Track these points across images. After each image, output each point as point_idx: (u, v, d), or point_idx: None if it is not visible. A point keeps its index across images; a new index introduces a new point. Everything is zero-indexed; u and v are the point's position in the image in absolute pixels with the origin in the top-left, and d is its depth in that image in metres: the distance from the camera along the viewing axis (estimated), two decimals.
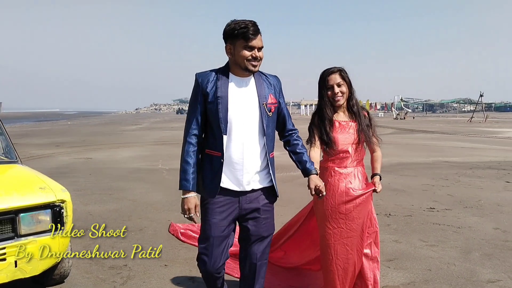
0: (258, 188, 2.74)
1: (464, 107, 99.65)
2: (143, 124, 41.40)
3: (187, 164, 2.65)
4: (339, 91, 3.15)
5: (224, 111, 2.59)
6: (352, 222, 3.11)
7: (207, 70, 2.72)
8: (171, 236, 5.10)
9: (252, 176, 2.69)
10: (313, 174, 2.82)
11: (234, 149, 2.63)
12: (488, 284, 3.87)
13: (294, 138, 2.92)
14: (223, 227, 2.69)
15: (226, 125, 2.60)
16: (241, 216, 2.75)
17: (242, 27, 2.52)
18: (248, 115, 2.65)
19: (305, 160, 2.85)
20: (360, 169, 3.23)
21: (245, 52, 2.56)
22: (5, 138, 4.49)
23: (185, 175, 2.65)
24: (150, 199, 7.52)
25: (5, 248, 3.27)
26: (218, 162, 2.63)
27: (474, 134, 24.82)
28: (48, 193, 3.51)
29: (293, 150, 2.88)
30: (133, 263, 4.42)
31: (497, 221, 5.96)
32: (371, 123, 3.29)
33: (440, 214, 6.35)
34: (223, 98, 2.60)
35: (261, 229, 2.79)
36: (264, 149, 2.71)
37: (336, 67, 3.20)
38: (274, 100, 2.74)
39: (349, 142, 3.16)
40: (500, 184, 8.77)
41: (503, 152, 14.93)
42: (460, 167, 11.16)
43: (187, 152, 2.66)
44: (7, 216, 3.29)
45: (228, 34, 2.59)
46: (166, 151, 15.83)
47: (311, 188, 2.79)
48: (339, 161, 3.18)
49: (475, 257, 4.55)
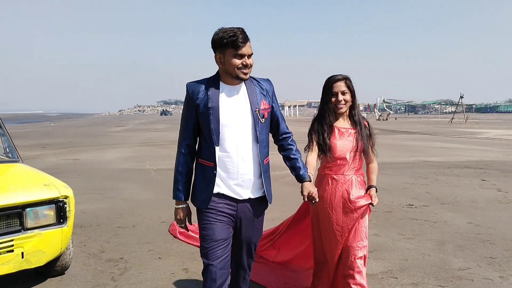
0: (254, 197, 2.70)
1: (446, 108, 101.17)
2: (128, 126, 41.39)
3: (179, 174, 2.65)
4: (343, 99, 3.14)
5: (216, 122, 2.56)
6: (347, 231, 3.13)
7: (198, 79, 2.68)
8: (164, 231, 5.42)
9: (247, 185, 2.65)
10: (306, 181, 2.80)
11: (227, 159, 2.60)
12: (459, 271, 4.21)
13: (288, 143, 2.88)
14: (227, 229, 2.66)
15: (218, 136, 2.57)
16: (235, 223, 2.72)
17: (230, 35, 2.48)
18: (241, 124, 2.61)
19: (299, 167, 2.83)
20: (359, 178, 3.21)
21: (236, 60, 2.52)
22: (7, 139, 4.72)
23: (177, 185, 2.66)
24: (140, 198, 7.76)
25: (13, 240, 3.51)
26: (211, 173, 2.60)
27: (454, 135, 25.46)
28: (52, 189, 3.76)
29: (287, 156, 2.86)
30: (129, 256, 4.67)
31: (471, 216, 6.34)
32: (371, 135, 3.27)
33: (418, 210, 6.71)
34: (215, 109, 2.56)
35: (252, 235, 2.80)
36: (258, 157, 2.67)
37: (342, 75, 3.18)
38: (267, 106, 2.70)
39: (347, 149, 3.16)
40: (476, 182, 9.19)
41: (480, 152, 15.45)
42: (439, 167, 11.59)
43: (179, 162, 2.66)
44: (14, 211, 3.53)
45: (217, 44, 2.54)
46: (153, 152, 16.04)
47: (304, 195, 2.77)
48: (336, 168, 3.17)
49: (448, 248, 4.90)
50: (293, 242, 3.68)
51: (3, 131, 4.78)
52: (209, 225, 2.62)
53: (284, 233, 3.71)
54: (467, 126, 36.59)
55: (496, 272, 4.17)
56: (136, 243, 5.15)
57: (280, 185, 8.60)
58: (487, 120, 51.36)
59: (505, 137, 23.17)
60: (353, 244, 3.10)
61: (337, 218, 3.13)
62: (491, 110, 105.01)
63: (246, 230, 2.75)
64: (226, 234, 2.65)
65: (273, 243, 3.77)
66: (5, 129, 4.81)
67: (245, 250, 2.82)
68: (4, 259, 3.47)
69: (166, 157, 14.19)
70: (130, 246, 5.03)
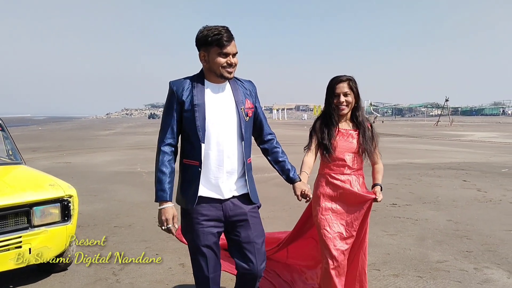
0: (239, 194, 2.68)
1: (432, 111, 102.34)
2: (116, 129, 41.40)
3: (162, 174, 2.54)
4: (345, 101, 3.13)
5: (202, 119, 2.54)
6: (351, 228, 3.12)
7: (181, 78, 2.66)
8: (159, 230, 5.64)
9: (231, 182, 2.64)
10: (297, 181, 2.83)
11: (212, 157, 2.58)
12: (437, 264, 4.53)
13: (274, 145, 2.88)
14: (213, 234, 2.64)
15: (204, 133, 2.55)
16: (229, 224, 2.68)
17: (215, 33, 2.48)
18: (226, 121, 2.61)
19: (288, 168, 2.84)
20: (359, 178, 3.21)
21: (220, 59, 2.52)
22: (10, 142, 4.95)
23: (161, 185, 2.53)
24: (134, 199, 8.00)
25: (21, 237, 3.75)
26: (196, 172, 2.57)
27: (439, 138, 26.00)
28: (57, 189, 4.01)
29: (275, 159, 2.87)
30: (128, 252, 4.92)
31: (451, 214, 6.68)
32: (374, 136, 3.26)
33: (401, 209, 7.04)
34: (200, 106, 2.55)
35: (252, 233, 2.69)
36: (242, 155, 2.66)
37: (346, 75, 3.16)
38: (250, 105, 2.71)
39: (346, 150, 3.16)
40: (457, 183, 9.56)
41: (464, 154, 15.90)
42: (423, 168, 11.97)
43: (162, 162, 2.56)
44: (23, 209, 3.77)
45: (202, 42, 2.54)
46: (143, 155, 16.22)
47: (297, 194, 2.80)
48: (336, 168, 3.17)
49: (428, 243, 5.23)
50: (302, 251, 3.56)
51: (6, 134, 5.01)
52: (192, 229, 2.61)
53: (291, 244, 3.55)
54: (452, 129, 37.26)
55: (471, 264, 4.50)
56: (134, 241, 5.40)
57: (269, 187, 8.89)
58: (472, 123, 52.22)
59: (488, 140, 23.73)
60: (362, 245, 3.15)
61: (341, 215, 3.13)
62: (477, 113, 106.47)
63: (244, 230, 2.68)
64: (211, 239, 2.63)
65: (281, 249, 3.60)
66: (8, 132, 5.04)
67: (250, 253, 2.67)
68: (13, 255, 3.71)
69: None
70: (128, 243, 5.29)
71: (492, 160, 13.76)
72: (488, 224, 6.05)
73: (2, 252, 3.64)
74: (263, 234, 2.78)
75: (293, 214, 6.44)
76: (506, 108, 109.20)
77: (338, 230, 3.10)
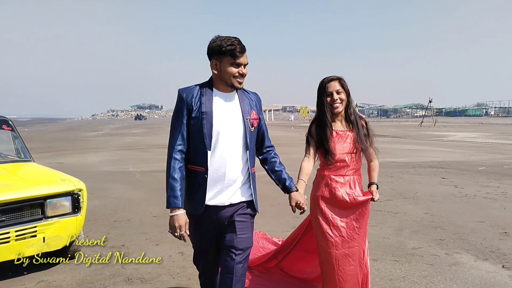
0: (237, 202, 2.72)
1: (417, 112, 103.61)
2: (104, 131, 41.50)
3: (174, 181, 2.58)
4: (338, 98, 3.16)
5: (209, 126, 2.59)
6: (353, 231, 3.15)
7: (190, 85, 2.72)
8: (157, 224, 6.11)
9: (234, 189, 2.69)
10: (293, 191, 2.86)
11: (217, 164, 2.63)
12: (412, 250, 5.01)
13: (272, 156, 2.93)
14: (214, 238, 2.75)
15: (210, 140, 2.59)
16: (218, 228, 2.75)
17: (229, 44, 2.54)
18: (233, 130, 2.66)
19: (284, 178, 2.88)
20: (357, 178, 3.26)
21: (232, 69, 2.58)
22: (20, 141, 5.33)
23: (173, 192, 2.57)
24: (130, 197, 8.37)
25: (36, 227, 4.13)
26: (202, 178, 2.62)
27: (422, 138, 26.70)
28: (68, 184, 4.40)
29: (272, 168, 2.91)
30: (129, 244, 5.32)
31: (428, 208, 7.18)
32: (369, 133, 3.29)
33: (382, 203, 7.51)
34: (208, 113, 2.59)
35: (236, 241, 2.70)
36: (247, 164, 2.72)
37: (336, 75, 3.22)
38: (256, 116, 2.76)
39: (346, 151, 3.18)
40: (436, 180, 10.09)
41: (444, 153, 16.52)
42: (405, 166, 12.52)
43: (173, 168, 2.60)
44: (37, 202, 4.16)
45: (215, 51, 2.58)
46: (133, 155, 16.56)
47: (291, 205, 2.83)
48: (336, 169, 3.19)
49: (405, 233, 5.72)
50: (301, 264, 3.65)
51: (16, 134, 5.39)
52: (197, 232, 2.72)
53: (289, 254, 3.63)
54: (435, 130, 38.09)
55: (443, 250, 4.98)
56: (134, 233, 5.79)
57: (259, 185, 9.28)
58: (455, 124, 53.23)
59: (469, 139, 24.47)
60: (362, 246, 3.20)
61: (340, 216, 3.17)
62: (460, 114, 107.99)
63: (230, 236, 2.72)
64: (212, 241, 2.75)
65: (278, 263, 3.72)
66: (17, 132, 5.42)
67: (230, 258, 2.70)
68: (29, 243, 4.09)
69: (148, 160, 14.80)
70: (129, 236, 5.68)
71: (471, 159, 14.37)
72: (461, 216, 6.56)
73: (19, 241, 4.02)
74: (250, 243, 2.78)
75: (282, 209, 6.89)
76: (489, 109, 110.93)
77: (340, 234, 3.14)
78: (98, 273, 4.37)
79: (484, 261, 4.62)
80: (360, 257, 3.17)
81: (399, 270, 4.39)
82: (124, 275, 4.30)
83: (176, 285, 4.05)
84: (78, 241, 4.67)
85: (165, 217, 6.30)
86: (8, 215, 3.99)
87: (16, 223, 4.03)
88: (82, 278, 4.26)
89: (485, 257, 4.73)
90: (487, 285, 3.99)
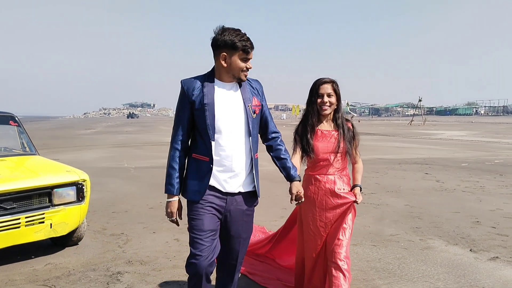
0: (245, 191, 2.80)
1: (408, 111, 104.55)
2: (97, 129, 41.74)
3: (172, 169, 2.71)
4: (328, 101, 3.22)
5: (212, 118, 2.64)
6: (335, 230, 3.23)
7: (192, 77, 2.75)
8: (153, 214, 6.51)
9: (240, 178, 2.76)
10: (296, 180, 2.89)
11: (222, 154, 2.69)
12: (389, 236, 5.44)
13: (278, 143, 2.96)
14: (215, 221, 2.75)
15: (213, 131, 2.65)
16: (224, 215, 2.80)
17: (242, 39, 2.61)
18: (235, 119, 2.71)
19: (289, 167, 2.92)
20: (342, 178, 3.31)
21: (242, 63, 2.65)
22: (26, 136, 5.70)
23: (170, 179, 2.70)
24: (126, 190, 8.76)
25: (44, 214, 4.50)
26: (206, 167, 2.68)
27: (411, 136, 27.26)
28: (73, 175, 4.78)
29: (277, 156, 2.94)
30: (128, 232, 5.70)
31: (409, 200, 7.63)
32: (355, 136, 3.35)
33: (366, 196, 7.94)
34: (210, 105, 2.64)
35: (242, 230, 2.86)
36: (250, 151, 2.77)
37: (330, 78, 3.27)
38: (258, 103, 2.81)
39: (329, 150, 3.24)
40: (419, 175, 10.56)
41: (430, 150, 17.04)
42: (391, 163, 13.00)
43: (172, 158, 2.71)
44: (45, 191, 4.53)
45: (228, 45, 2.61)
46: (127, 152, 16.92)
47: (292, 193, 2.84)
48: (319, 168, 3.28)
49: (385, 222, 6.15)
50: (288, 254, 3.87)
51: (22, 129, 5.76)
52: (197, 215, 2.70)
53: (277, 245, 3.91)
54: (424, 128, 38.72)
55: (418, 237, 5.42)
56: (131, 223, 6.18)
57: None
58: (445, 122, 54.01)
59: (456, 138, 25.08)
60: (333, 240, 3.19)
61: (321, 215, 3.26)
62: (451, 113, 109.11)
63: (235, 225, 2.83)
64: (214, 225, 2.74)
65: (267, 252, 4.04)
66: (23, 127, 5.79)
67: (235, 245, 2.89)
68: (37, 229, 4.46)
69: (142, 157, 15.17)
70: (127, 225, 6.07)
71: (455, 156, 14.88)
72: (438, 208, 7.01)
73: (28, 226, 4.39)
74: (251, 230, 2.98)
75: (272, 200, 7.32)
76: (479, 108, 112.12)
77: (316, 228, 3.27)
78: (101, 257, 4.76)
79: (454, 245, 5.06)
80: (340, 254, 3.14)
81: (376, 253, 4.82)
82: (125, 258, 4.69)
83: (173, 266, 4.43)
84: (82, 228, 5.06)
85: (161, 208, 6.76)
86: (19, 203, 4.36)
87: (26, 210, 4.39)
88: (86, 260, 4.64)
89: (455, 242, 5.17)
90: (454, 265, 4.42)
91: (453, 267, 4.36)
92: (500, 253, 4.76)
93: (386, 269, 4.33)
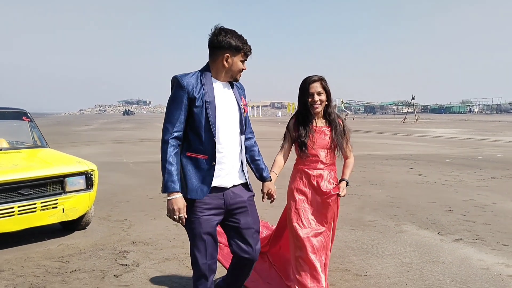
0: (239, 183, 2.86)
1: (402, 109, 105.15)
2: (93, 125, 42.14)
3: (171, 166, 2.60)
4: (319, 99, 3.28)
5: (214, 115, 2.66)
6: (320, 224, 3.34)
7: (186, 73, 2.72)
8: (153, 204, 7.07)
9: (234, 173, 2.82)
10: (268, 181, 3.07)
11: (222, 150, 2.72)
12: (368, 222, 6.03)
13: (253, 144, 3.04)
14: (214, 222, 2.77)
15: (215, 128, 2.68)
16: (228, 211, 2.82)
17: (245, 42, 2.72)
18: (232, 117, 2.78)
19: (262, 168, 3.06)
20: (331, 173, 3.40)
21: (241, 65, 2.75)
22: (38, 130, 6.25)
23: (171, 176, 2.59)
24: (127, 183, 9.32)
25: (57, 200, 5.05)
26: (207, 165, 2.68)
27: (402, 133, 27.86)
28: (83, 165, 5.33)
29: (252, 157, 3.03)
30: (131, 218, 6.26)
31: (391, 192, 8.22)
32: (345, 132, 3.43)
33: (352, 188, 8.50)
34: (211, 103, 2.65)
35: (250, 220, 2.90)
36: (242, 148, 2.88)
37: (318, 76, 3.32)
38: (245, 102, 2.91)
39: (320, 146, 3.33)
40: (404, 170, 11.15)
41: (419, 147, 17.65)
42: (378, 158, 13.59)
43: (169, 154, 2.61)
44: (58, 179, 5.08)
45: (233, 47, 2.68)
46: (125, 148, 17.45)
47: (263, 192, 3.01)
48: (310, 163, 3.35)
49: (366, 210, 6.74)
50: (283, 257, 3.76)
51: (33, 124, 6.32)
52: (195, 218, 2.71)
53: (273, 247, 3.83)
54: (417, 126, 39.28)
55: (393, 222, 6.00)
56: (133, 211, 6.73)
57: None
58: (438, 120, 54.61)
59: (446, 135, 25.68)
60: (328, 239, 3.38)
61: (311, 207, 3.35)
62: (445, 111, 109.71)
63: (244, 216, 2.87)
64: (211, 225, 2.75)
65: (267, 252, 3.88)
66: (35, 122, 6.34)
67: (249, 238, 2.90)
68: (51, 213, 5.01)
69: (139, 152, 15.72)
70: (130, 212, 6.62)
71: (441, 152, 15.50)
72: (417, 198, 7.60)
73: (43, 211, 4.94)
74: (258, 220, 3.03)
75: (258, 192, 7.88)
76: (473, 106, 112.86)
77: (308, 225, 3.31)
78: (108, 239, 5.32)
79: (424, 230, 5.64)
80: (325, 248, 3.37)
81: (354, 235, 5.40)
82: (129, 240, 5.25)
83: (172, 246, 5.00)
84: (90, 213, 5.61)
85: (160, 198, 7.31)
86: (35, 189, 4.90)
87: (41, 196, 4.94)
88: (95, 242, 5.20)
89: (426, 227, 5.75)
90: (421, 245, 5.00)
91: (420, 247, 4.94)
92: (464, 236, 5.35)
93: (361, 248, 4.91)
